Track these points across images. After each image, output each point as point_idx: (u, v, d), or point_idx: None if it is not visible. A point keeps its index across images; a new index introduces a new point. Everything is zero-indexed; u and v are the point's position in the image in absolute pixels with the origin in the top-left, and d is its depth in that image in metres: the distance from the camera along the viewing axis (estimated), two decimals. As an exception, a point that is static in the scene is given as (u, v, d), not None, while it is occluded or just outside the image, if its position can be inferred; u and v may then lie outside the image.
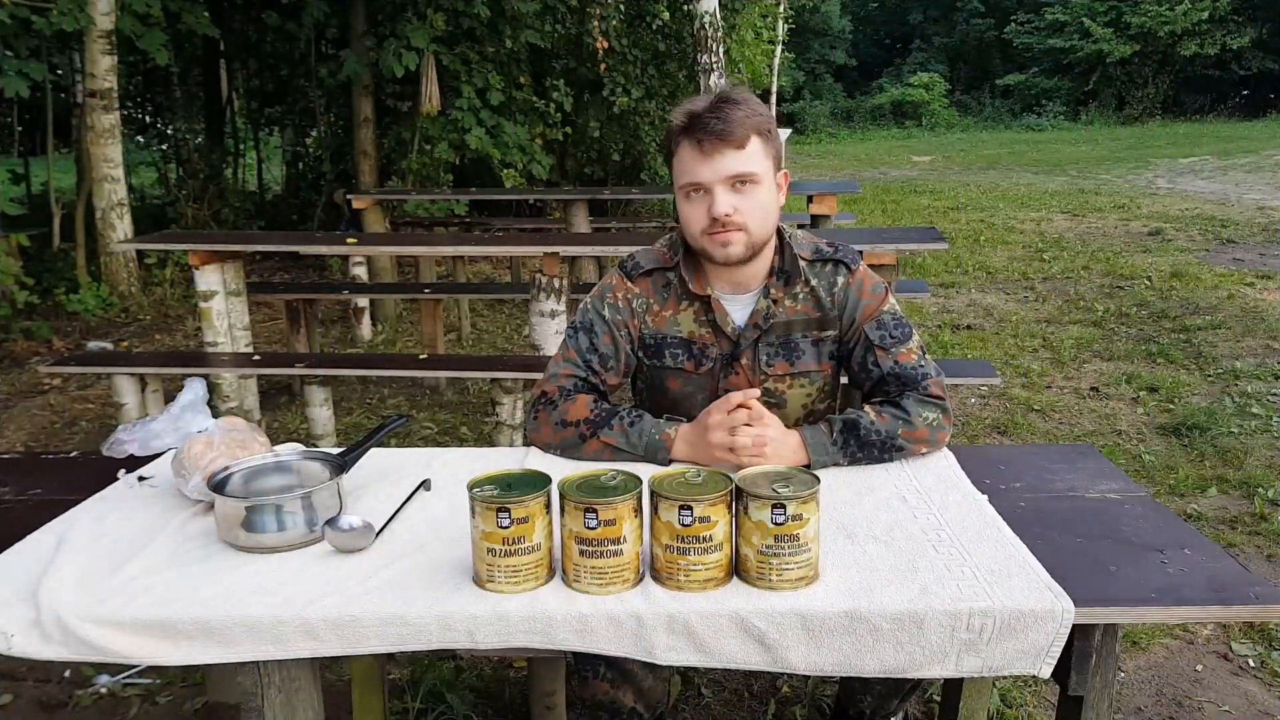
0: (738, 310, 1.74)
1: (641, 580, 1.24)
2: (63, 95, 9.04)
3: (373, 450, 1.60)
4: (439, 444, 3.95)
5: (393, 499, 1.50)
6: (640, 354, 1.79)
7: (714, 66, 7.73)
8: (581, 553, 1.20)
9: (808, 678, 2.17)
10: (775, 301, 1.72)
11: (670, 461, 1.59)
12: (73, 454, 1.84)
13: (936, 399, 1.65)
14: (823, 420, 1.64)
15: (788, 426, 1.77)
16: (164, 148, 10.49)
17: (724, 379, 1.74)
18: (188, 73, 10.29)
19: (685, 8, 8.51)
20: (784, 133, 12.77)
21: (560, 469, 1.45)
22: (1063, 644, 1.18)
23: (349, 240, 4.28)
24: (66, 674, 2.29)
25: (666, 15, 8.98)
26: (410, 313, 6.27)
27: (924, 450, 1.63)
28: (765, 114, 1.63)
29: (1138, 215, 9.70)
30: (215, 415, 1.67)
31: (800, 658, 1.19)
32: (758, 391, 1.60)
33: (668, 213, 9.34)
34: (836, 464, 1.59)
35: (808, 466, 1.55)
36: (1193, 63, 23.09)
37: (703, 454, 1.57)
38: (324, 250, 4.83)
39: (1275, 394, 4.27)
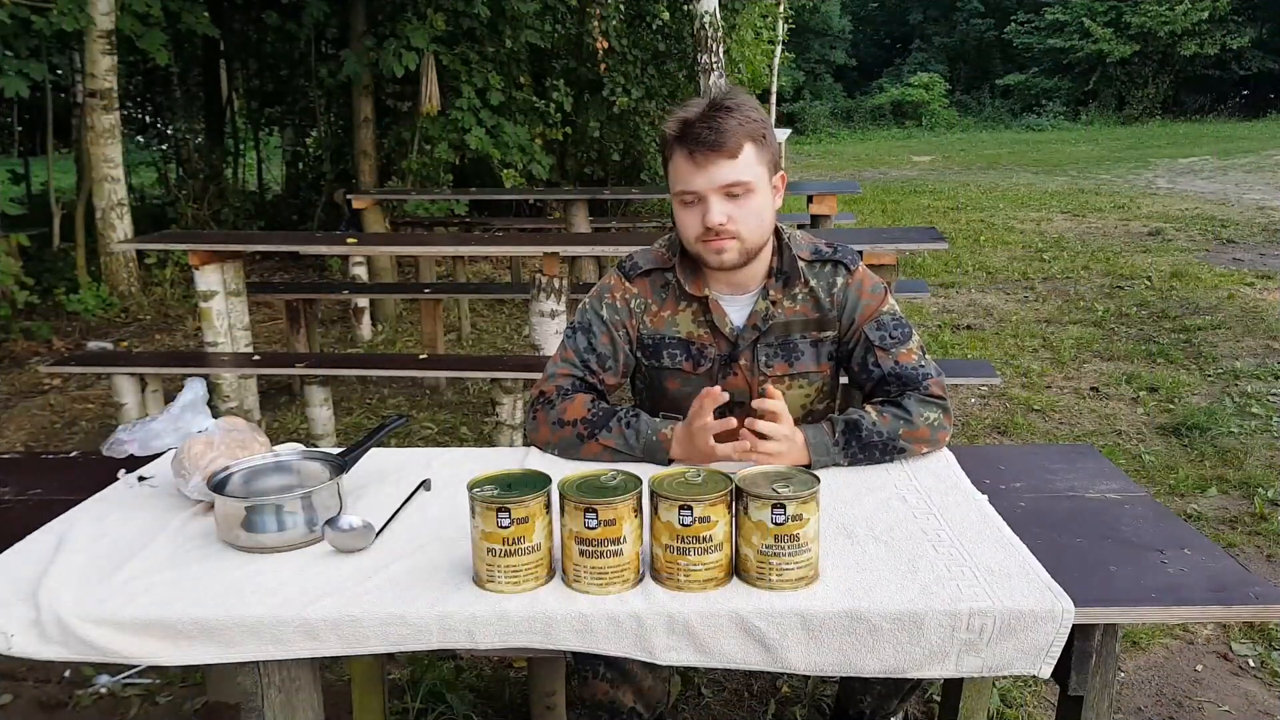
0: (736, 311, 1.74)
1: (641, 580, 1.24)
2: (63, 95, 9.04)
3: (373, 450, 1.60)
4: (439, 444, 3.95)
5: (393, 499, 1.50)
6: (639, 354, 1.79)
7: (714, 66, 7.73)
8: (581, 553, 1.20)
9: (808, 678, 2.17)
10: (774, 302, 1.72)
11: (671, 461, 1.59)
12: (73, 454, 1.84)
13: (937, 399, 1.65)
14: (825, 420, 1.64)
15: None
16: (164, 148, 10.50)
17: (722, 379, 1.74)
18: (188, 73, 10.28)
19: (685, 8, 8.50)
20: (784, 133, 12.78)
21: (560, 469, 1.45)
22: (1063, 644, 1.18)
23: (349, 240, 4.28)
24: (66, 674, 2.29)
25: (666, 15, 8.98)
26: (410, 313, 6.27)
27: (925, 450, 1.64)
28: (760, 119, 1.62)
29: (1138, 215, 9.70)
30: (215, 415, 1.66)
31: (800, 658, 1.19)
32: (725, 396, 1.55)
33: (667, 213, 9.33)
34: (837, 464, 1.59)
35: (808, 467, 1.55)
36: (1193, 63, 23.08)
37: (696, 455, 1.57)
38: (324, 250, 4.83)
39: (1275, 394, 4.27)
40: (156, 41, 6.64)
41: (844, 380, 1.86)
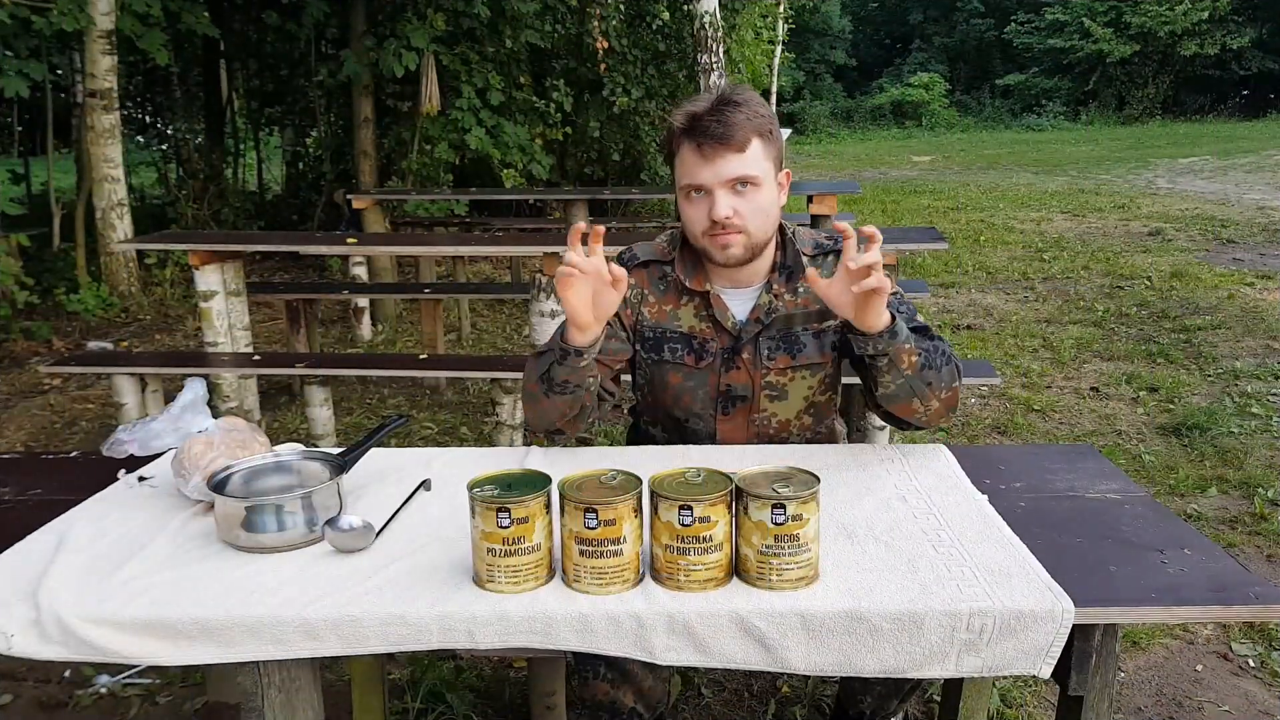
0: (738, 305, 1.74)
1: (641, 580, 1.24)
2: (63, 95, 9.04)
3: (373, 450, 1.60)
4: (439, 444, 3.95)
5: (393, 499, 1.50)
6: (639, 348, 1.79)
7: (714, 66, 7.73)
8: (581, 553, 1.20)
9: (808, 678, 2.17)
10: (777, 296, 1.72)
11: (570, 343, 1.55)
12: (73, 454, 1.84)
13: (953, 358, 1.64)
14: None
15: (790, 419, 1.78)
16: (164, 148, 10.49)
17: (725, 373, 1.75)
18: (188, 73, 10.28)
19: (685, 8, 8.51)
20: (784, 133, 12.78)
21: (560, 469, 1.45)
22: (1063, 644, 1.18)
23: (349, 240, 4.28)
24: (66, 674, 2.29)
25: (666, 15, 8.98)
26: (410, 313, 6.27)
27: (944, 392, 1.59)
28: (767, 115, 1.63)
29: (1138, 215, 9.70)
30: (215, 415, 1.67)
31: (800, 658, 1.19)
32: (602, 229, 1.53)
33: (668, 212, 9.35)
34: (906, 341, 1.54)
35: (891, 326, 1.51)
36: (1193, 63, 23.08)
37: (570, 297, 1.50)
38: (324, 250, 4.83)
39: (1275, 394, 4.27)
40: (156, 41, 6.63)
41: (844, 381, 1.86)
